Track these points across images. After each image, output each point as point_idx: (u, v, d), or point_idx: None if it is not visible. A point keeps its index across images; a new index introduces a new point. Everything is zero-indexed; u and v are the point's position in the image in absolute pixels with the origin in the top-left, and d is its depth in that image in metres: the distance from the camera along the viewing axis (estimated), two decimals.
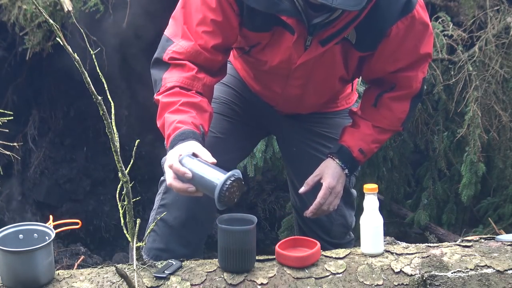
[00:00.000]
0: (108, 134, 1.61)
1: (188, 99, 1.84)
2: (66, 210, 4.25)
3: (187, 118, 1.81)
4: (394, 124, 2.10)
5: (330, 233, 2.24)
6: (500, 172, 3.44)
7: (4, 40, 3.86)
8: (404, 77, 2.02)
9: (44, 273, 1.68)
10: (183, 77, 1.87)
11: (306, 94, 2.09)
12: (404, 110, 2.07)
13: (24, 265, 1.65)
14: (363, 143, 2.07)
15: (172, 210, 2.06)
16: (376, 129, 2.08)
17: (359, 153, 2.06)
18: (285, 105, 2.17)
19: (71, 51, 1.49)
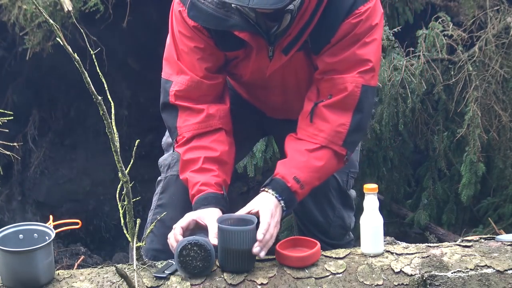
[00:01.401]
0: (108, 134, 1.61)
1: (209, 154, 1.89)
2: (66, 210, 4.25)
3: (209, 179, 1.87)
4: (332, 139, 1.87)
5: (328, 234, 2.23)
6: (500, 172, 3.44)
7: (4, 40, 3.87)
8: (340, 79, 1.86)
9: (44, 273, 1.68)
10: (197, 124, 1.91)
11: (289, 101, 2.07)
12: (342, 123, 1.87)
13: (24, 265, 1.65)
14: (298, 171, 1.85)
15: (169, 210, 2.06)
16: (311, 154, 1.87)
17: (294, 182, 1.83)
18: (274, 112, 2.16)
19: (71, 51, 1.49)
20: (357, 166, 2.29)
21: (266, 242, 1.73)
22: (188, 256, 1.64)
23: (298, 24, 1.82)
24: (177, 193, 2.07)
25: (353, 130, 1.89)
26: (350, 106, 1.87)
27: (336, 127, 1.87)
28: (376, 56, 1.89)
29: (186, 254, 1.64)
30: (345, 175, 2.21)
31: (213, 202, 1.85)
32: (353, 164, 2.24)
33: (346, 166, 2.16)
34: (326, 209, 2.21)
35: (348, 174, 2.22)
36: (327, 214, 2.21)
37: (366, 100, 1.89)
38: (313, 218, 2.22)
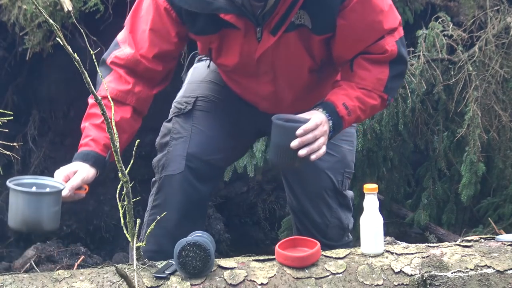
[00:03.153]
0: (108, 134, 1.61)
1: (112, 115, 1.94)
2: (66, 210, 4.23)
3: (101, 138, 1.93)
4: (375, 86, 1.95)
5: (326, 235, 2.22)
6: (500, 172, 3.44)
7: (4, 40, 3.86)
8: (375, 47, 1.95)
9: (49, 220, 1.77)
10: (117, 90, 1.97)
11: (280, 90, 2.06)
12: (382, 71, 1.95)
13: (32, 207, 1.74)
14: (347, 99, 1.92)
15: (164, 210, 2.05)
16: (359, 89, 1.95)
17: (343, 108, 1.91)
18: (267, 105, 2.14)
19: (71, 51, 1.49)
20: (353, 167, 2.28)
21: (308, 141, 1.81)
22: (188, 257, 1.64)
23: (285, 3, 1.82)
24: (172, 193, 2.08)
25: (393, 77, 1.97)
26: (388, 59, 1.95)
27: (377, 74, 1.95)
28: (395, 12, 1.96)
29: (185, 254, 1.64)
30: (340, 175, 2.20)
31: (91, 161, 1.92)
32: (348, 165, 2.24)
33: (341, 166, 2.20)
34: (323, 210, 2.21)
35: (343, 174, 2.22)
36: (324, 214, 2.21)
37: (402, 51, 1.97)
38: (311, 218, 2.22)
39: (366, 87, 1.95)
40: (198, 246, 1.64)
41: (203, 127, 2.11)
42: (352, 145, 2.27)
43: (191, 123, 2.13)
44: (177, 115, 2.17)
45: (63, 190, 1.83)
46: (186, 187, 2.06)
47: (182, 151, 2.08)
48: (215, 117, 2.16)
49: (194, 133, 2.11)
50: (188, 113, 2.15)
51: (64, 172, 1.89)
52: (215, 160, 2.12)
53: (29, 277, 1.71)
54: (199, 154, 2.08)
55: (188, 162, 2.06)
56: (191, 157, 2.07)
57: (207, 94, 2.18)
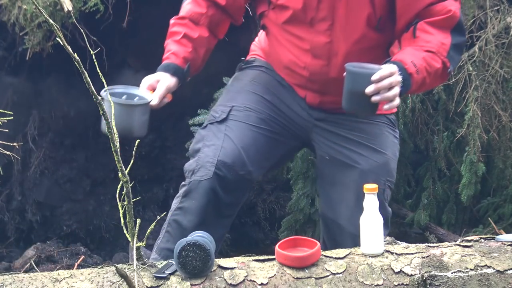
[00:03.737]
0: (108, 134, 1.61)
1: (190, 33, 2.18)
2: (66, 210, 4.25)
3: (181, 52, 2.17)
4: (439, 49, 1.97)
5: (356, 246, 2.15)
6: (500, 172, 3.44)
7: (4, 40, 3.86)
8: (438, 7, 1.98)
9: (139, 127, 2.04)
10: (193, 12, 2.20)
11: (335, 41, 2.06)
12: (445, 37, 1.98)
13: (124, 116, 1.97)
14: (414, 58, 1.93)
15: (187, 214, 2.08)
16: (424, 52, 1.96)
17: (411, 65, 1.91)
18: (317, 66, 2.11)
19: (71, 51, 1.49)
20: (394, 176, 2.21)
21: (383, 87, 1.82)
22: (188, 257, 1.64)
23: None
24: (196, 198, 2.08)
25: (454, 45, 1.99)
26: (450, 25, 1.99)
27: (441, 39, 1.98)
28: None
29: (185, 254, 1.64)
30: (382, 183, 2.12)
31: (171, 71, 2.14)
32: (390, 173, 2.18)
33: (384, 172, 2.14)
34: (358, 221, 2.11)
35: (385, 182, 2.15)
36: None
37: (461, 22, 2.02)
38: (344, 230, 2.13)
39: (431, 49, 1.96)
40: (198, 246, 1.64)
41: (235, 138, 2.11)
42: (395, 154, 2.22)
43: (224, 132, 2.13)
44: (211, 123, 2.18)
45: (152, 101, 2.08)
46: (210, 194, 2.06)
47: (212, 158, 2.07)
48: (249, 127, 2.16)
49: (226, 142, 2.10)
50: (222, 121, 2.16)
51: (148, 81, 2.12)
52: (244, 172, 2.11)
53: (29, 277, 1.71)
54: (229, 164, 2.07)
55: (217, 170, 2.05)
56: (221, 165, 2.06)
57: (244, 103, 2.18)
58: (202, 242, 1.64)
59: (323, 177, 2.29)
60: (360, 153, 2.15)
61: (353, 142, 2.17)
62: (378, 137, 2.19)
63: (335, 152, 2.19)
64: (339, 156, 2.18)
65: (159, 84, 2.12)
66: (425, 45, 1.97)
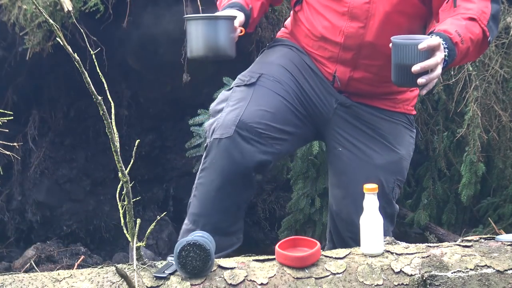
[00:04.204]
0: (108, 134, 1.61)
1: None
2: (66, 210, 4.25)
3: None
4: (480, 16, 1.92)
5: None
6: (500, 172, 3.44)
7: (4, 40, 3.86)
8: None
9: (229, 45, 1.99)
10: None
11: (374, 2, 2.02)
12: (486, 6, 1.94)
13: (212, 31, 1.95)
14: (458, 28, 1.87)
15: (209, 173, 2.03)
16: (465, 20, 1.91)
17: (456, 35, 1.85)
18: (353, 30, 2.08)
19: (71, 51, 1.49)
20: (405, 175, 2.21)
21: (429, 66, 1.75)
22: (188, 257, 1.64)
23: None
24: (218, 157, 2.01)
25: (493, 16, 1.95)
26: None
27: (482, 7, 1.93)
28: None
29: (185, 254, 1.64)
30: (391, 181, 2.13)
31: (238, 7, 2.07)
32: (401, 171, 2.18)
33: (394, 169, 2.14)
34: None
35: (395, 181, 2.15)
36: None
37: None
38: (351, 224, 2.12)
39: (473, 16, 1.91)
40: (198, 246, 1.64)
41: (262, 101, 2.06)
42: (409, 154, 2.21)
43: (251, 95, 2.08)
44: (238, 86, 2.14)
45: (237, 18, 2.02)
46: (232, 152, 1.99)
47: (235, 117, 2.01)
48: (275, 96, 2.10)
49: (251, 104, 2.05)
50: (250, 85, 2.11)
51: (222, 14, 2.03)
52: (267, 135, 2.04)
53: (29, 277, 1.71)
54: (251, 124, 2.01)
55: (238, 128, 1.99)
56: (243, 125, 2.00)
57: (273, 74, 2.14)
58: (202, 242, 1.64)
59: (334, 171, 2.26)
60: (375, 149, 2.14)
61: (369, 137, 2.16)
62: (395, 136, 2.17)
63: (349, 144, 2.17)
64: (353, 149, 2.16)
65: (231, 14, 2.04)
66: (466, 13, 1.92)
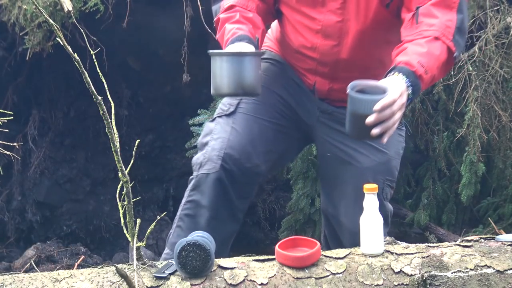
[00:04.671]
0: (108, 134, 1.61)
1: (245, 14, 2.06)
2: (66, 210, 4.25)
3: (244, 28, 2.02)
4: (444, 31, 1.84)
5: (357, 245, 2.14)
6: (500, 172, 3.45)
7: (4, 40, 3.87)
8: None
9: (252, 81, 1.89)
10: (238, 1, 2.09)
11: (346, 20, 2.03)
12: (449, 19, 1.86)
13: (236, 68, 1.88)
14: (420, 57, 1.79)
15: (199, 208, 2.07)
16: (427, 43, 1.82)
17: (419, 66, 1.77)
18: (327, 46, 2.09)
19: (71, 51, 1.49)
20: (395, 175, 2.20)
21: (384, 117, 1.68)
22: (188, 257, 1.64)
23: None
24: (205, 192, 2.07)
25: (458, 28, 1.87)
26: (453, 4, 1.88)
27: (445, 21, 1.85)
28: None
29: (185, 254, 1.64)
30: (381, 181, 2.12)
31: (246, 39, 1.98)
32: (391, 171, 2.18)
33: (384, 170, 2.14)
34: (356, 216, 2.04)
35: (385, 181, 2.15)
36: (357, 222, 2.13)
37: (464, 4, 1.90)
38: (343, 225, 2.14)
39: (436, 35, 1.83)
40: (198, 246, 1.64)
41: (242, 130, 2.10)
42: (398, 153, 2.21)
43: (231, 125, 2.12)
44: (220, 116, 2.18)
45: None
46: (219, 188, 2.06)
47: (219, 151, 2.07)
48: (256, 120, 2.15)
49: (232, 134, 2.10)
50: (230, 115, 2.15)
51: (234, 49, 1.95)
52: (253, 166, 2.10)
53: (29, 277, 1.71)
54: (235, 157, 2.06)
55: (224, 163, 2.05)
56: (227, 158, 2.06)
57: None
58: (202, 242, 1.64)
59: (324, 174, 2.30)
60: (361, 151, 2.14)
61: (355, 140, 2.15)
62: None
63: (336, 149, 2.19)
64: (340, 154, 2.18)
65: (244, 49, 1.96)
66: (429, 30, 1.84)
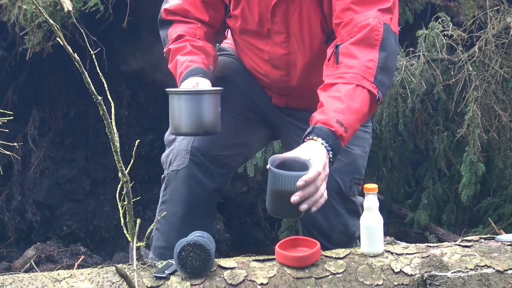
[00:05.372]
0: (108, 134, 1.61)
1: (195, 43, 2.05)
2: (66, 210, 4.25)
3: (197, 59, 2.00)
4: (364, 74, 1.76)
5: (331, 240, 2.14)
6: (500, 172, 3.45)
7: (4, 40, 3.87)
8: (361, 16, 1.82)
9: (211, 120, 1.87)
10: (186, 27, 2.08)
11: (292, 52, 2.04)
12: (370, 59, 1.78)
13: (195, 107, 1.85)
14: (339, 115, 1.72)
15: (170, 206, 2.07)
16: (346, 97, 1.74)
17: (338, 126, 1.70)
18: (278, 76, 2.10)
19: (71, 51, 1.49)
20: (363, 172, 2.19)
21: (309, 194, 1.62)
22: (188, 257, 1.64)
23: None
24: (177, 188, 2.07)
25: (381, 68, 1.79)
26: (375, 42, 1.80)
27: (365, 62, 1.77)
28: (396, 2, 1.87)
29: (185, 254, 1.64)
30: (348, 180, 2.12)
31: (200, 73, 1.95)
32: (358, 170, 2.16)
33: (350, 170, 2.12)
34: (329, 214, 2.13)
35: (352, 180, 2.14)
36: (330, 218, 2.13)
37: (389, 40, 1.82)
38: (317, 222, 2.15)
39: (354, 79, 1.76)
40: (198, 246, 1.64)
41: None
42: (364, 151, 2.18)
43: None
44: None
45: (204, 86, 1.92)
46: (190, 182, 2.05)
47: (186, 145, 2.07)
48: (223, 112, 2.10)
49: None
50: None
51: (190, 84, 1.93)
52: (221, 156, 2.10)
53: (29, 277, 1.72)
54: (203, 149, 2.06)
55: (192, 156, 2.05)
56: (196, 152, 2.05)
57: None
58: (202, 242, 1.64)
59: None
60: None
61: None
62: None
63: None
64: None
65: (201, 85, 1.94)
66: (348, 72, 1.77)
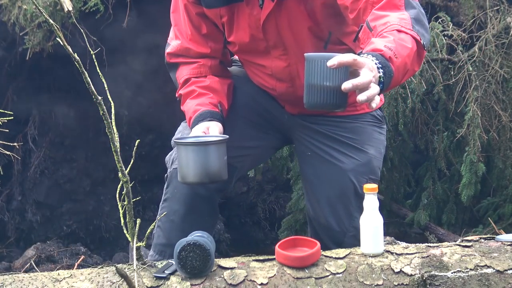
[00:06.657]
0: (108, 134, 1.61)
1: (202, 84, 2.10)
2: (66, 210, 4.25)
3: (204, 100, 2.05)
4: (402, 24, 1.70)
5: (342, 245, 2.10)
6: (500, 172, 3.44)
7: (4, 40, 3.87)
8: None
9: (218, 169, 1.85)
10: (190, 69, 2.12)
11: (292, 64, 2.05)
12: (401, 14, 1.75)
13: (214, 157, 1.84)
14: (386, 42, 1.64)
15: (172, 203, 2.08)
16: (391, 34, 1.67)
17: (387, 49, 1.61)
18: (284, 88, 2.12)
19: (71, 51, 1.49)
20: (378, 174, 2.18)
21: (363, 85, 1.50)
22: (188, 257, 1.64)
23: None
24: (179, 186, 2.07)
25: (415, 20, 1.74)
26: (399, 3, 1.77)
27: (398, 15, 1.73)
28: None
29: (185, 254, 1.64)
30: (364, 181, 2.10)
31: (208, 117, 2.00)
32: (373, 170, 2.16)
33: (366, 171, 2.13)
34: (341, 217, 2.12)
35: (368, 180, 2.13)
36: (343, 222, 2.12)
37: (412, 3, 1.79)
38: (329, 227, 2.14)
39: (395, 28, 1.69)
40: (198, 246, 1.64)
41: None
42: (379, 152, 2.18)
43: None
44: None
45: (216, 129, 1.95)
46: None
47: None
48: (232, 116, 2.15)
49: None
50: None
51: (200, 130, 1.95)
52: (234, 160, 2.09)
53: (29, 277, 1.72)
54: None
55: None
56: None
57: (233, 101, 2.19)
58: (202, 242, 1.64)
59: (306, 175, 2.27)
60: (343, 151, 2.14)
61: (336, 140, 2.16)
62: (361, 135, 2.16)
63: (317, 149, 2.18)
64: (321, 153, 2.17)
65: (212, 129, 1.96)
66: (387, 28, 1.69)
